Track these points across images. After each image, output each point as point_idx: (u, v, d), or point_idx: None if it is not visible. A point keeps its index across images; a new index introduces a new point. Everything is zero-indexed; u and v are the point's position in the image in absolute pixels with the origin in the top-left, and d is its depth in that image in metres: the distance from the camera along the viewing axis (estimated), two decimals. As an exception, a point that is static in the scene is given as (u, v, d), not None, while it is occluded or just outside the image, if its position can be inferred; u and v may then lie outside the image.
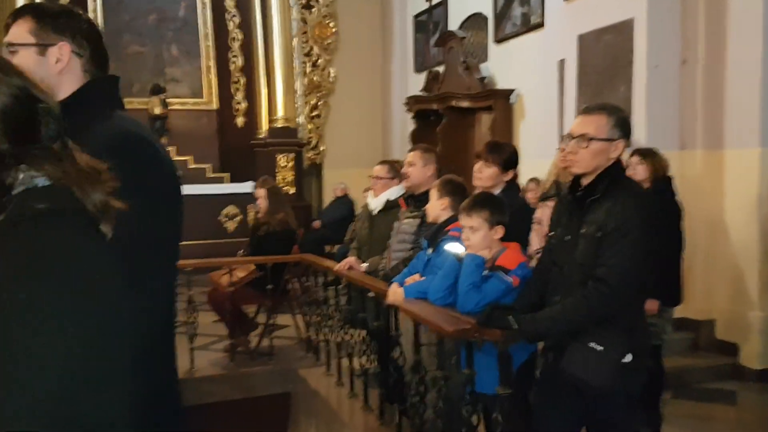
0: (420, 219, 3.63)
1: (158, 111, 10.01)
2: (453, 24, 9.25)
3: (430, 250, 3.23)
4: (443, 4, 9.58)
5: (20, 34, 1.58)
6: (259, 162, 10.32)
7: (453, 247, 2.99)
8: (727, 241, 5.31)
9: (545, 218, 4.00)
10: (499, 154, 3.43)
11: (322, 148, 11.27)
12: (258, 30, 10.58)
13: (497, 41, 8.31)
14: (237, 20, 10.87)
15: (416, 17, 10.42)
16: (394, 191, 4.16)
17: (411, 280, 3.23)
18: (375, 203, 4.22)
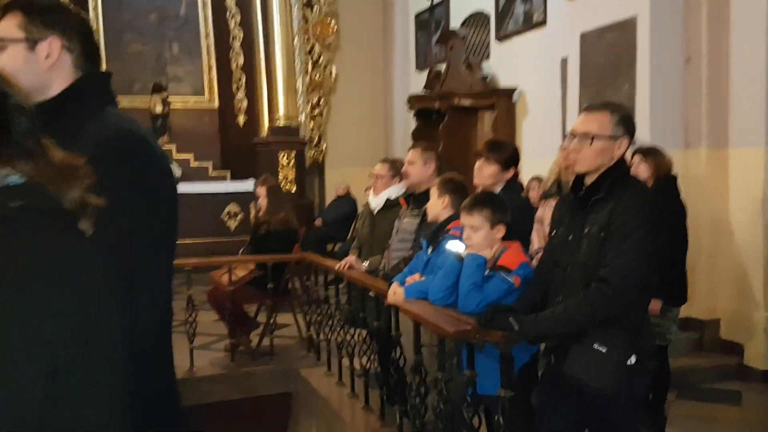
0: (420, 218, 3.60)
1: (159, 110, 10.01)
2: (455, 22, 9.21)
3: (430, 250, 3.19)
4: (445, 3, 9.54)
5: (9, 29, 1.54)
6: (261, 160, 10.31)
7: (454, 247, 2.95)
8: (732, 241, 5.27)
9: (546, 217, 3.98)
10: (500, 153, 3.39)
11: (324, 147, 11.24)
12: (259, 28, 10.54)
13: (499, 39, 8.27)
14: (238, 18, 10.84)
15: (418, 15, 10.38)
16: (395, 190, 4.13)
17: (411, 280, 3.19)
18: (375, 202, 4.19)
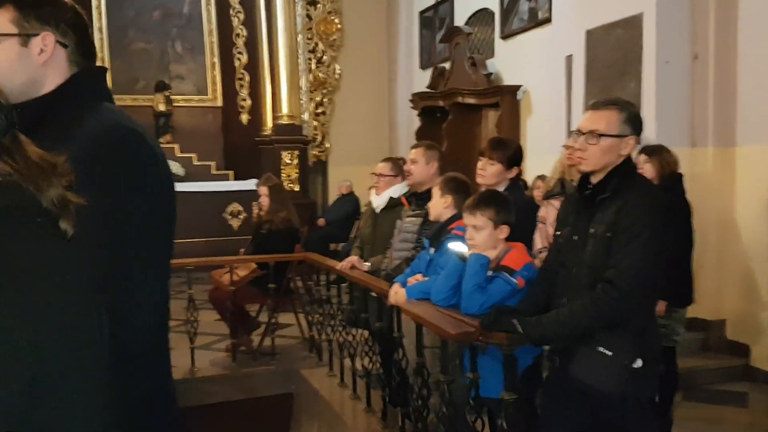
0: (423, 218, 3.55)
1: (163, 108, 10.02)
2: (459, 20, 9.15)
3: (432, 250, 3.14)
4: (449, 0, 9.49)
5: (1, 24, 1.50)
6: (264, 159, 10.26)
7: (457, 247, 2.90)
8: (739, 240, 5.22)
9: (549, 217, 3.93)
10: (503, 151, 3.33)
11: (327, 146, 11.21)
12: (262, 26, 10.50)
13: (504, 37, 8.22)
14: (241, 16, 10.82)
15: (422, 13, 10.33)
16: (397, 189, 4.09)
17: (413, 281, 3.15)
18: (378, 201, 4.15)
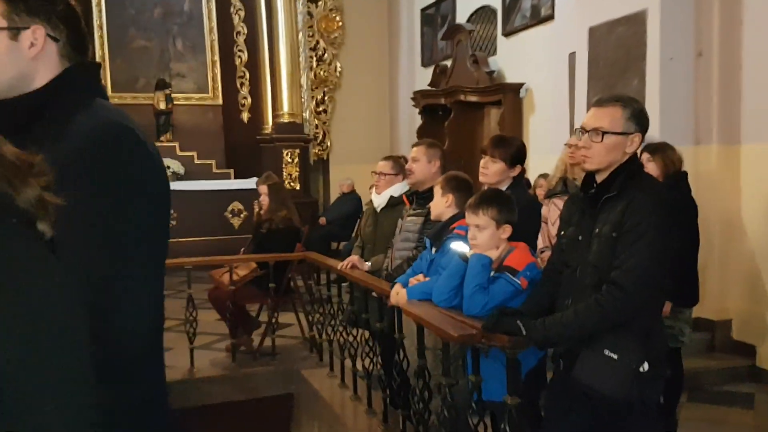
0: (424, 217, 3.50)
1: (163, 106, 9.98)
2: (461, 17, 9.10)
3: (434, 250, 3.10)
4: (451, -3, 9.45)
5: None
6: (265, 157, 10.23)
7: (458, 246, 2.85)
8: (744, 239, 5.17)
9: (551, 217, 3.88)
10: (506, 149, 3.28)
11: (328, 144, 11.16)
12: (263, 24, 10.46)
13: (506, 34, 8.17)
14: (242, 14, 10.77)
15: (423, 10, 10.27)
16: (398, 188, 4.04)
17: (415, 281, 3.10)
18: (378, 200, 4.10)
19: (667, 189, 3.64)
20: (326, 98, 11.12)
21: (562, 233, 2.49)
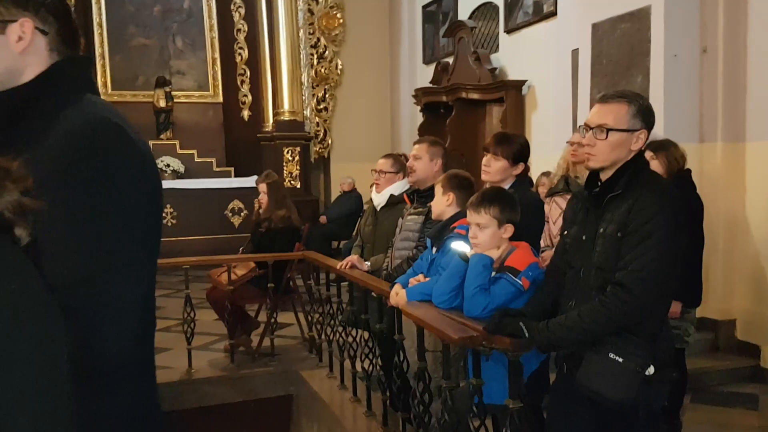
0: (425, 216, 3.45)
1: (163, 104, 9.95)
2: (463, 14, 9.05)
3: (434, 249, 3.04)
4: (453, -6, 9.39)
5: None
6: (266, 156, 10.20)
7: (459, 246, 2.80)
8: (748, 238, 5.12)
9: (552, 215, 3.83)
10: (508, 147, 3.21)
11: (329, 142, 11.11)
12: (263, 21, 10.41)
13: (508, 31, 8.12)
14: (242, 11, 10.73)
15: (425, 7, 10.22)
16: (398, 186, 3.98)
17: (415, 281, 3.04)
18: (378, 199, 4.04)
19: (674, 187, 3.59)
20: (327, 96, 11.07)
21: (566, 233, 2.43)
